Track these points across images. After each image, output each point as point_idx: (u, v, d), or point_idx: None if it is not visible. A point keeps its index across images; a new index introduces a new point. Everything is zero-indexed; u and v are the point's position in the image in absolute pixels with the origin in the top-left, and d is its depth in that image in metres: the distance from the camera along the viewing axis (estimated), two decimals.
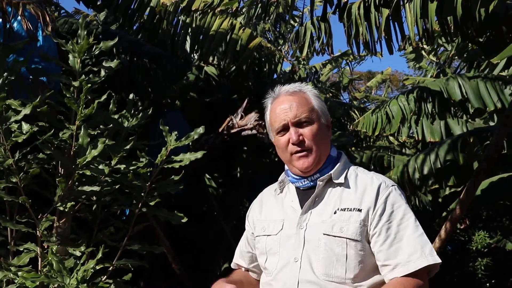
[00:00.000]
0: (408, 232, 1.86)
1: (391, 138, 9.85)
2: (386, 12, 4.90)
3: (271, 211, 2.07)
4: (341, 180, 1.95)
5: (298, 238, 1.91)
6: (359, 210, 1.88)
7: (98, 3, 5.43)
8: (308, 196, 1.96)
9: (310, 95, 2.02)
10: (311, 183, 1.97)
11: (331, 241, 1.86)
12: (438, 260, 1.84)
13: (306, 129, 1.95)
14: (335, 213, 1.90)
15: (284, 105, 1.97)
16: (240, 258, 2.20)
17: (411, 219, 1.89)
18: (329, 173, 1.95)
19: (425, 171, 6.41)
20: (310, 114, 1.96)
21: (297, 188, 2.02)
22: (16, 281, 3.22)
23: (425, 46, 9.68)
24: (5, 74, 3.24)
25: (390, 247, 1.85)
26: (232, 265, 2.27)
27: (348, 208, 1.89)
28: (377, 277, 1.89)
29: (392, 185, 1.95)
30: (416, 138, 7.28)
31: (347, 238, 1.85)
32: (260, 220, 2.08)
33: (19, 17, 3.87)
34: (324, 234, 1.87)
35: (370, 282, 1.87)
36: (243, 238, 2.22)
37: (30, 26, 3.89)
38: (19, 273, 3.21)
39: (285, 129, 1.96)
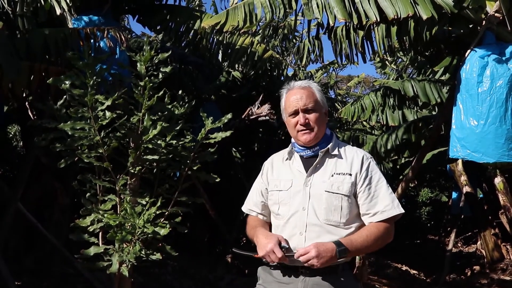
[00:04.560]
0: (383, 191, 1.89)
1: (364, 123, 9.77)
2: (361, 33, 4.86)
3: (281, 172, 2.04)
4: (336, 152, 1.95)
5: (304, 193, 1.91)
6: (350, 175, 1.89)
7: (158, 27, 5.42)
8: (310, 163, 1.95)
9: (315, 90, 1.98)
10: (312, 153, 1.96)
11: (331, 196, 1.87)
12: (403, 211, 1.90)
13: (311, 115, 1.93)
14: (332, 176, 1.90)
15: (296, 95, 1.95)
16: (254, 206, 2.12)
17: (384, 181, 1.92)
18: (327, 147, 1.94)
19: (388, 146, 6.39)
20: (314, 105, 1.94)
21: (301, 157, 2.00)
22: (103, 220, 3.28)
23: (388, 58, 9.60)
24: (94, 77, 3.24)
25: (371, 201, 1.87)
26: (244, 209, 2.18)
27: (342, 173, 1.90)
28: (359, 222, 1.91)
29: (370, 157, 1.97)
30: (382, 123, 7.25)
31: (342, 194, 1.86)
32: (273, 179, 2.04)
33: (104, 38, 3.89)
34: (325, 191, 1.88)
35: (355, 225, 1.89)
36: (255, 191, 2.15)
37: (111, 44, 3.90)
38: (105, 215, 3.26)
39: (295, 113, 1.95)
